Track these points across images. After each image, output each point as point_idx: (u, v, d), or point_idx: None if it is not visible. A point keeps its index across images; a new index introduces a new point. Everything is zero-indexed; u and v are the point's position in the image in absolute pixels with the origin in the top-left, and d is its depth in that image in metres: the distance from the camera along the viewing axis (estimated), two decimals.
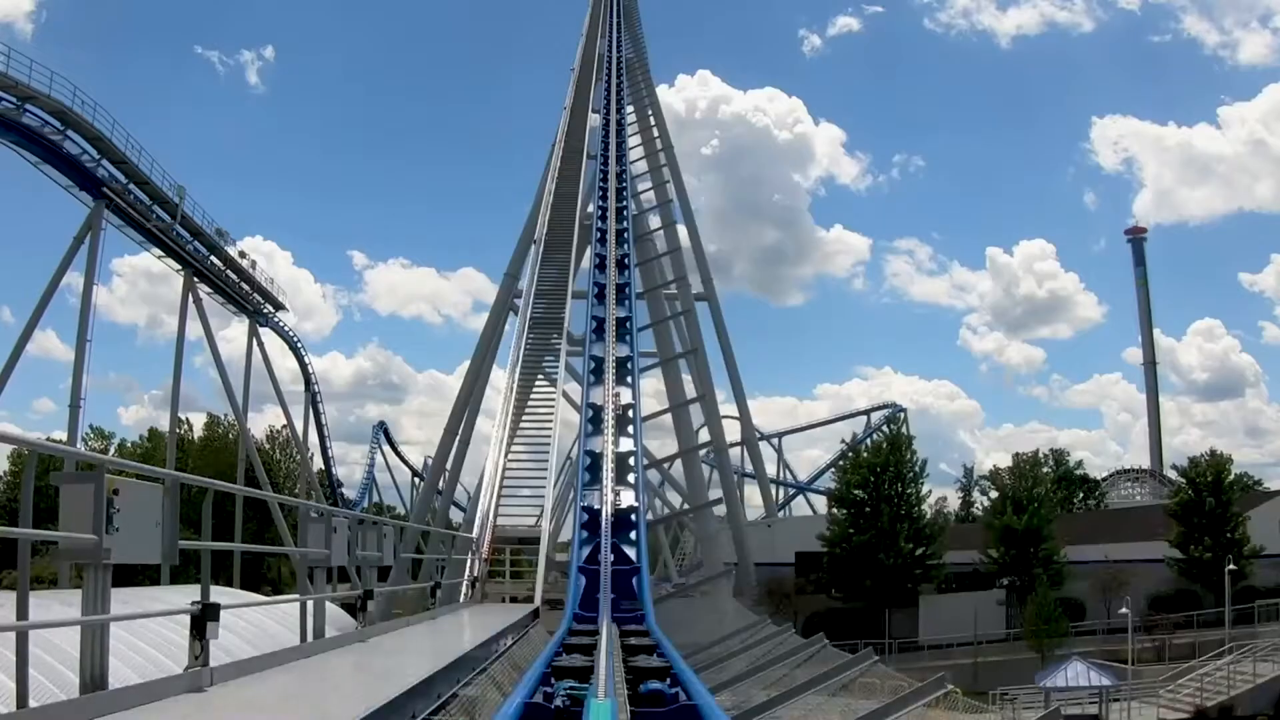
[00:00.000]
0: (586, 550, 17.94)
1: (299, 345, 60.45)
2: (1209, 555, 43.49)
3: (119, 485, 5.15)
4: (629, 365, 26.49)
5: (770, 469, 72.07)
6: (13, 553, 5.26)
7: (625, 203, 39.09)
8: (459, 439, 45.49)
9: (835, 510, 50.42)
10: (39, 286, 39.66)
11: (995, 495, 52.21)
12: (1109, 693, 30.65)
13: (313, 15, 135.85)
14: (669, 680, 7.96)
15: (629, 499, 20.12)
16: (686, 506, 51.24)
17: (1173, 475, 57.38)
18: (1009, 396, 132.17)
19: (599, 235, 35.49)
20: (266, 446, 65.00)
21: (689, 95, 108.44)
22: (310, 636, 8.53)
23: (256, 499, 46.52)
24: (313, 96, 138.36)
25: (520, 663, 10.05)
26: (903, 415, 77.26)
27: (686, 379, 46.31)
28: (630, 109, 49.77)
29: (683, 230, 51.38)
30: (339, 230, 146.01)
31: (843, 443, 71.19)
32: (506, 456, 24.71)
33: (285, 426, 61.21)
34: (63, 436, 40.67)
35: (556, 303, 32.57)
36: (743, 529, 49.63)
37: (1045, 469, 61.08)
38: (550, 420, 27.09)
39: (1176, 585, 45.23)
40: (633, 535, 18.83)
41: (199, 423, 66.78)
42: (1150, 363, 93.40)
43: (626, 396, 24.51)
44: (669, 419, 43.78)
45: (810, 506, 77.43)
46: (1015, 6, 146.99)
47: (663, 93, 60.46)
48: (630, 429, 23.27)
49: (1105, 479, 79.96)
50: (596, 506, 19.35)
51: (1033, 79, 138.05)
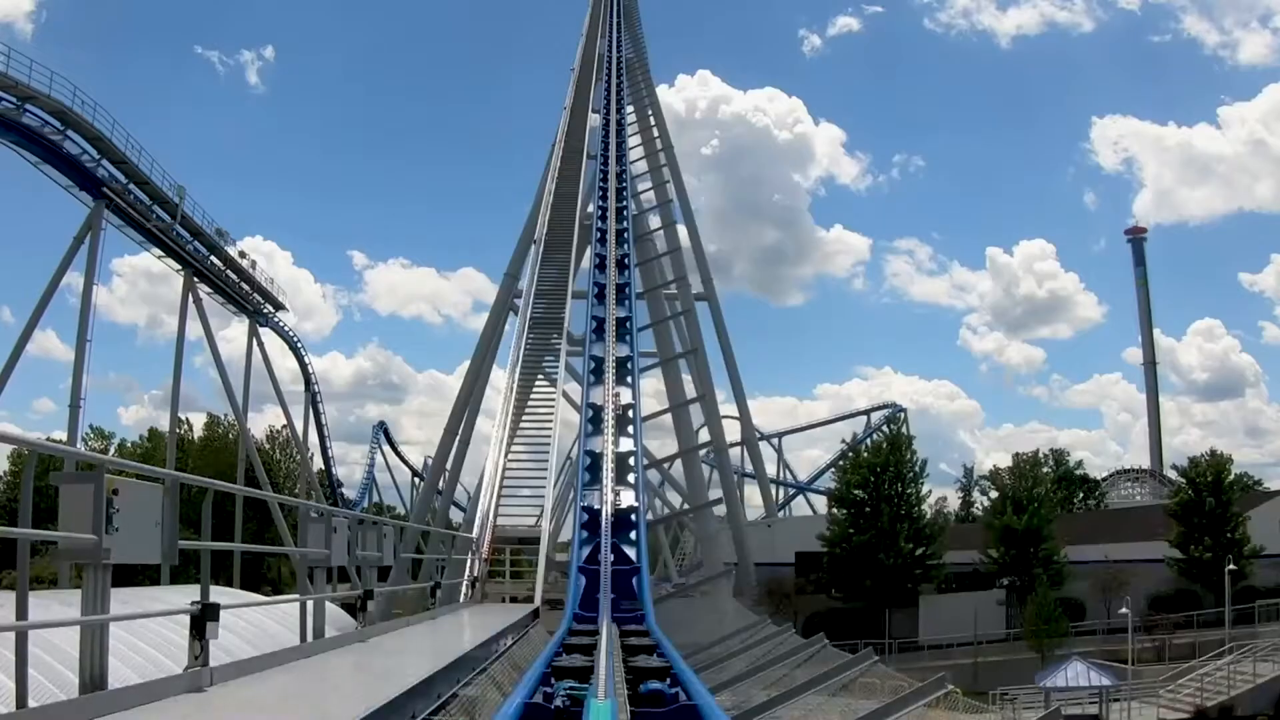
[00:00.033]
0: (586, 550, 17.94)
1: (299, 345, 60.57)
2: (1209, 555, 43.49)
3: (118, 485, 5.15)
4: (629, 365, 26.49)
5: (770, 469, 72.18)
6: (13, 553, 5.24)
7: (625, 203, 39.10)
8: (459, 439, 45.51)
9: (835, 510, 50.42)
10: (39, 286, 39.79)
11: (995, 495, 52.20)
12: (1109, 693, 30.65)
13: (313, 15, 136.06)
14: (669, 680, 7.95)
15: (629, 499, 20.13)
16: (686, 506, 51.24)
17: (1173, 475, 57.39)
18: (1009, 396, 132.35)
19: (599, 235, 35.49)
20: (266, 446, 65.03)
21: (689, 95, 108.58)
22: (310, 636, 8.52)
23: (256, 499, 46.53)
24: (313, 96, 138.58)
25: (520, 663, 10.05)
26: (903, 415, 77.36)
27: (686, 379, 46.35)
28: (630, 109, 49.79)
29: (683, 230, 51.51)
30: (339, 230, 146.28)
31: (843, 442, 71.27)
32: (506, 456, 24.71)
33: (285, 426, 61.33)
34: (63, 436, 40.68)
35: (556, 303, 32.57)
36: (743, 529, 49.62)
37: (1045, 469, 61.09)
38: (550, 420, 27.09)
39: (1176, 585, 45.24)
40: (633, 535, 18.83)
41: (199, 423, 66.98)
42: (1150, 363, 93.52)
43: (626, 396, 24.51)
44: (669, 419, 43.82)
45: (810, 506, 77.51)
46: (1015, 6, 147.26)
47: (663, 93, 60.60)
48: (630, 429, 23.28)
49: (1105, 479, 79.98)
50: (596, 506, 19.36)
51: (1033, 79, 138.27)
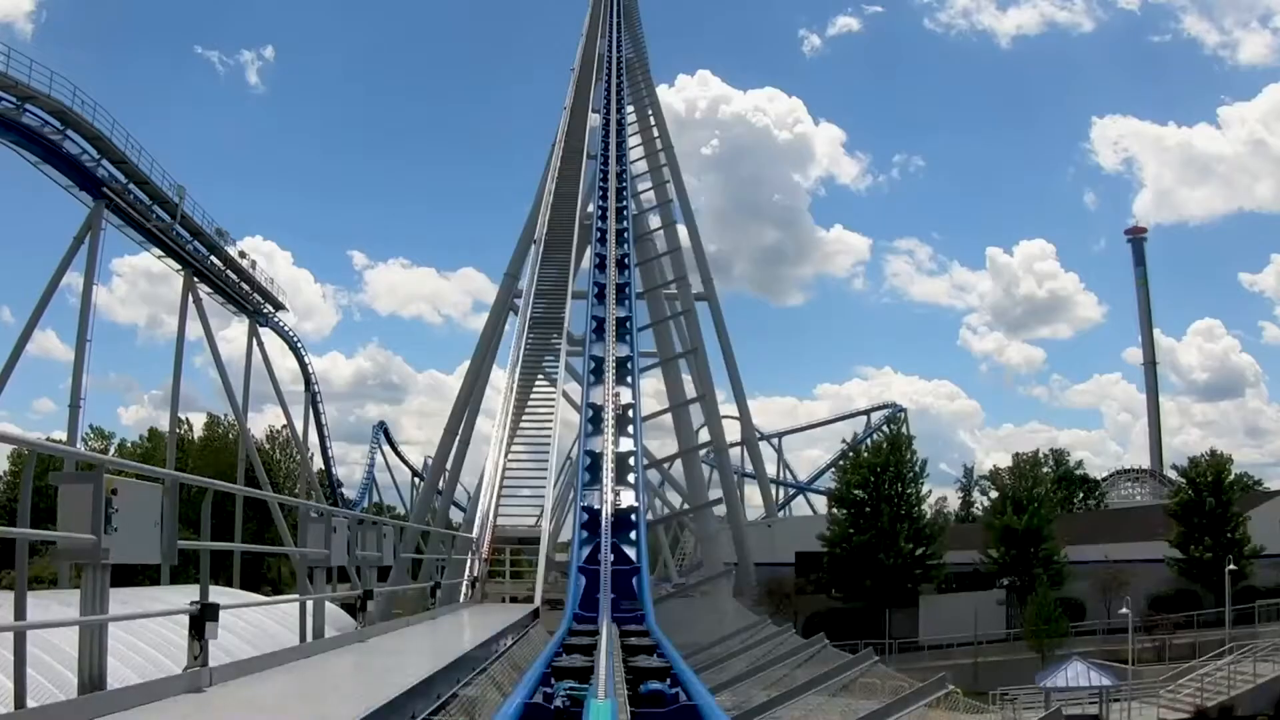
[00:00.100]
0: (586, 550, 17.93)
1: (299, 345, 60.57)
2: (1209, 555, 43.49)
3: (117, 485, 5.13)
4: (629, 365, 26.47)
5: (770, 469, 72.18)
6: (12, 552, 5.22)
7: (625, 203, 39.08)
8: (459, 439, 45.50)
9: (835, 510, 50.41)
10: (39, 286, 39.78)
11: (995, 495, 52.20)
12: (1109, 693, 30.64)
13: (313, 15, 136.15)
14: (669, 680, 7.95)
15: (629, 499, 20.11)
16: (686, 506, 51.23)
17: (1173, 475, 57.38)
18: (1009, 396, 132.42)
19: (599, 235, 35.47)
20: (266, 446, 65.04)
21: (689, 95, 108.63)
22: (310, 636, 8.51)
23: (256, 499, 46.52)
24: (313, 96, 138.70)
25: (520, 663, 10.04)
26: (903, 415, 77.36)
27: (686, 379, 46.33)
28: (630, 109, 49.78)
29: (683, 230, 51.48)
30: (339, 230, 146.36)
31: (843, 442, 71.26)
32: (506, 456, 24.70)
33: (285, 426, 61.32)
34: (63, 436, 40.66)
35: (556, 303, 32.56)
36: (743, 529, 49.60)
37: (1045, 469, 61.08)
38: (550, 420, 27.08)
39: (1177, 585, 45.23)
40: (633, 535, 18.82)
41: (199, 423, 67.00)
42: (1150, 363, 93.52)
43: (626, 396, 24.49)
44: (669, 419, 43.81)
45: (810, 506, 77.52)
46: (1015, 6, 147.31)
47: (663, 93, 60.58)
48: (630, 429, 23.26)
49: (1105, 479, 80.00)
50: (596, 506, 19.34)
51: (1033, 79, 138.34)
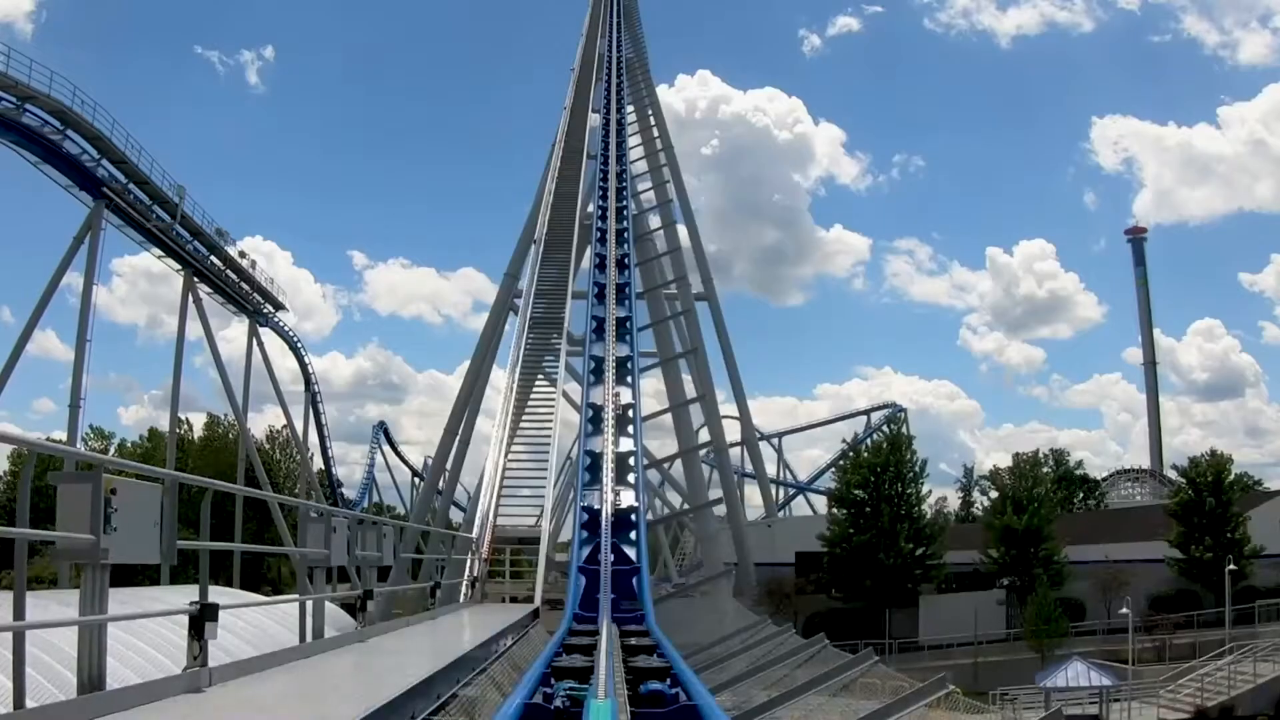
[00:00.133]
0: (586, 550, 17.91)
1: (299, 345, 60.55)
2: (1209, 555, 43.47)
3: (116, 485, 5.13)
4: (629, 365, 26.45)
5: (770, 469, 72.16)
6: (12, 552, 5.21)
7: (625, 202, 39.07)
8: (459, 439, 45.49)
9: (835, 510, 50.40)
10: (39, 286, 39.75)
11: (995, 495, 52.17)
12: (1109, 693, 30.63)
13: (313, 15, 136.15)
14: (669, 680, 7.94)
15: (629, 499, 20.10)
16: (686, 506, 51.23)
17: (1173, 475, 57.37)
18: (1009, 396, 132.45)
19: (599, 235, 35.45)
20: (266, 446, 65.04)
21: (689, 95, 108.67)
22: (310, 637, 8.51)
23: (256, 499, 46.52)
24: (313, 96, 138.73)
25: (520, 663, 10.03)
26: (903, 415, 77.36)
27: (686, 379, 46.33)
28: (630, 109, 49.77)
29: (683, 230, 51.48)
30: (339, 230, 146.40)
31: (843, 442, 71.28)
32: (506, 456, 24.70)
33: (285, 426, 61.31)
34: (63, 436, 40.65)
35: (556, 303, 32.55)
36: (743, 529, 49.59)
37: (1045, 469, 61.05)
38: (550, 420, 27.08)
39: (1177, 585, 45.23)
40: (633, 535, 18.80)
41: (199, 423, 67.02)
42: (1150, 363, 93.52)
43: (626, 396, 24.48)
44: (669, 419, 43.81)
45: (810, 506, 77.51)
46: (1015, 6, 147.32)
47: (663, 93, 60.58)
48: (630, 429, 23.25)
49: (1105, 479, 80.00)
50: (596, 506, 19.33)
51: (1033, 79, 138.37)
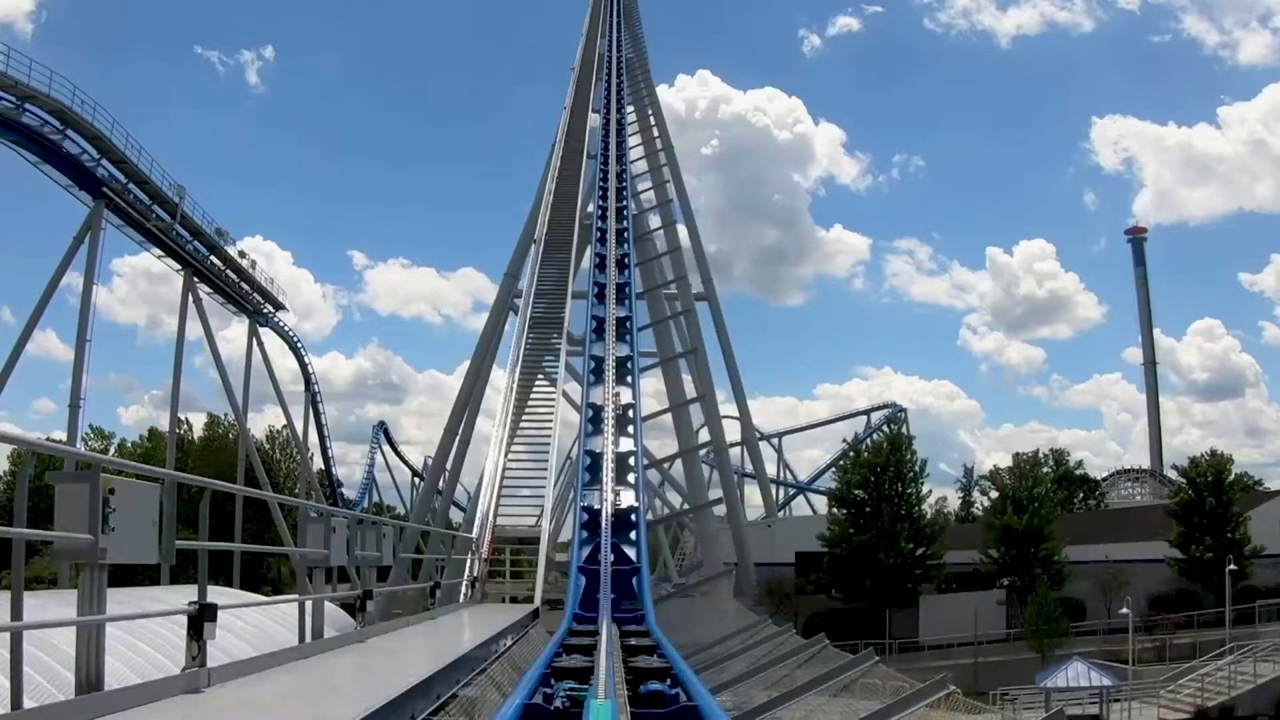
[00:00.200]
0: (586, 550, 17.90)
1: (299, 345, 60.55)
2: (1209, 555, 43.45)
3: (115, 485, 5.11)
4: (629, 365, 26.44)
5: (770, 469, 72.14)
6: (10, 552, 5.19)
7: (625, 202, 39.05)
8: (459, 439, 45.46)
9: (835, 510, 50.37)
10: (39, 286, 39.74)
11: (995, 495, 52.14)
12: (1109, 693, 30.61)
13: (313, 15, 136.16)
14: (669, 681, 7.92)
15: (629, 499, 20.08)
16: (686, 506, 51.21)
17: (1173, 475, 57.36)
18: (1009, 396, 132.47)
19: (599, 235, 35.44)
20: (266, 446, 65.03)
21: (689, 95, 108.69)
22: (309, 637, 8.49)
23: (256, 499, 46.50)
24: (312, 96, 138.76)
25: (520, 663, 10.02)
26: (903, 415, 77.37)
27: (686, 379, 46.31)
28: (630, 109, 49.75)
29: (683, 230, 51.44)
30: (339, 230, 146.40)
31: (844, 442, 71.28)
32: (506, 456, 24.70)
33: (285, 426, 61.31)
34: (63, 436, 40.62)
35: (556, 302, 32.54)
36: (743, 529, 49.55)
37: (1045, 469, 61.02)
38: (550, 420, 27.07)
39: (1177, 585, 45.21)
40: (633, 535, 18.79)
41: (199, 423, 67.04)
42: (1150, 363, 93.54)
43: (626, 396, 24.46)
44: (669, 419, 43.80)
45: (810, 506, 77.50)
46: (1015, 6, 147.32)
47: (663, 93, 60.55)
48: (630, 429, 23.24)
49: (1105, 479, 79.98)
50: (596, 506, 19.31)
51: (1033, 79, 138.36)
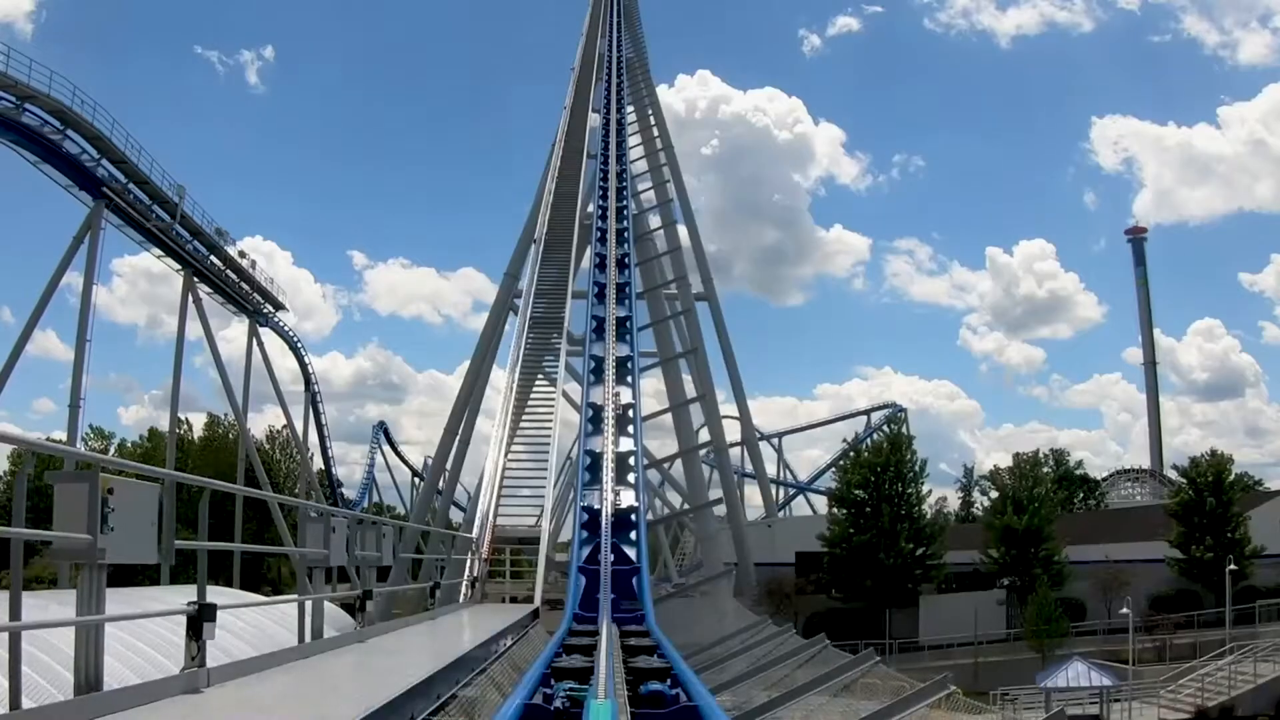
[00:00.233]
0: (586, 550, 17.88)
1: (299, 345, 60.54)
2: (1210, 555, 43.46)
3: (114, 484, 5.10)
4: (629, 365, 26.41)
5: (770, 469, 72.13)
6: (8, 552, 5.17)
7: (625, 202, 39.03)
8: (459, 439, 45.45)
9: (835, 510, 50.38)
10: (39, 286, 39.72)
11: (995, 495, 52.15)
12: (1110, 693, 30.60)
13: (313, 16, 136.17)
14: (669, 681, 7.91)
15: (629, 499, 20.06)
16: (686, 506, 51.18)
17: (1173, 475, 57.35)
18: (1009, 396, 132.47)
19: (599, 235, 35.42)
20: (266, 446, 65.02)
21: (689, 95, 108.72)
22: (309, 637, 8.48)
23: (256, 499, 46.49)
24: (312, 96, 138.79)
25: (520, 663, 10.01)
26: (903, 415, 77.34)
27: (686, 379, 46.29)
28: (630, 109, 49.74)
29: (683, 230, 51.42)
30: (339, 230, 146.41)
31: (844, 442, 71.26)
32: (506, 456, 24.68)
33: (285, 426, 61.30)
34: (63, 436, 40.61)
35: (556, 302, 32.52)
36: (743, 529, 49.56)
37: (1045, 469, 61.00)
38: (550, 420, 27.04)
39: (1177, 585, 45.22)
40: (633, 535, 18.77)
41: (199, 423, 67.03)
42: (1150, 363, 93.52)
43: (626, 396, 24.44)
44: (669, 419, 43.77)
45: (810, 506, 77.49)
46: (1015, 6, 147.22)
47: (663, 93, 60.56)
48: (630, 429, 23.21)
49: (1105, 479, 79.94)
50: (596, 506, 19.29)
51: (1033, 79, 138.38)
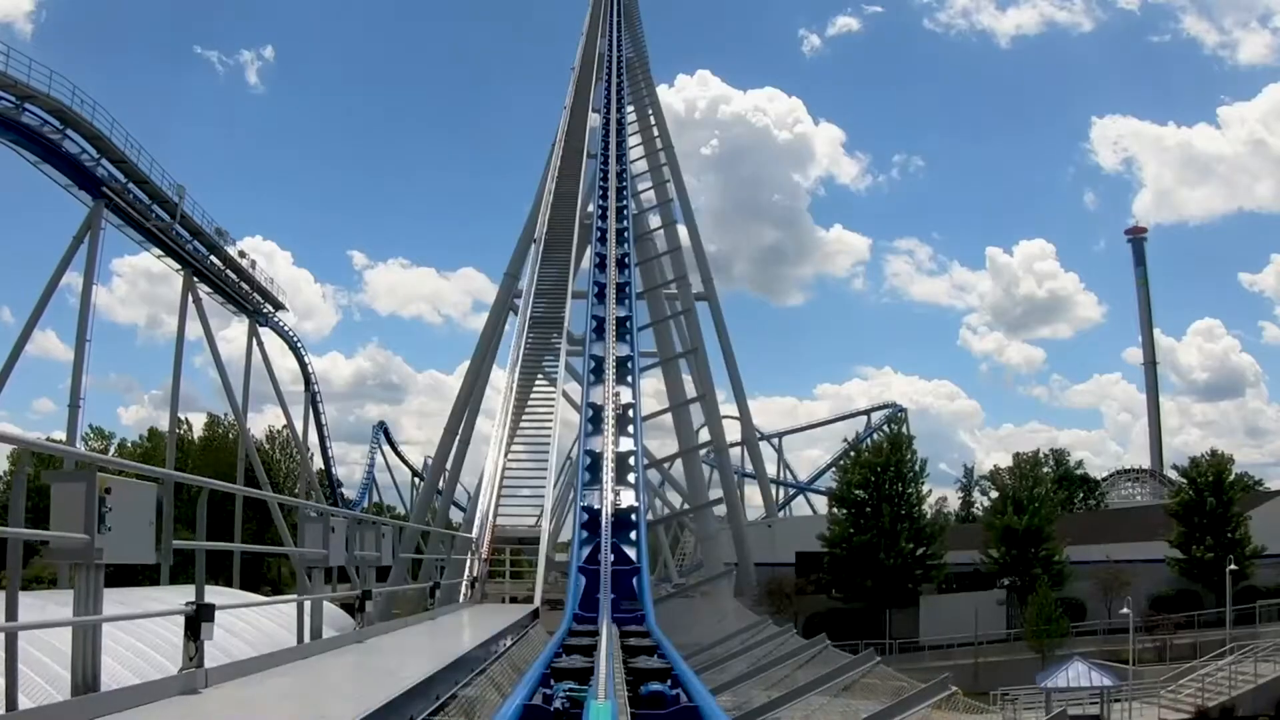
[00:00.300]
0: (586, 550, 17.84)
1: (299, 345, 60.58)
2: (1210, 555, 43.44)
3: (111, 484, 5.07)
4: (629, 365, 26.37)
5: (770, 469, 72.15)
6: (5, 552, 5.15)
7: (625, 202, 39.01)
8: (459, 439, 45.43)
9: (836, 510, 50.36)
10: (39, 286, 39.74)
11: (995, 495, 52.13)
12: (1110, 693, 30.56)
13: (313, 16, 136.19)
14: (670, 681, 7.89)
15: (629, 499, 20.02)
16: (686, 506, 51.18)
17: (1173, 475, 57.31)
18: (1009, 396, 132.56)
19: (599, 234, 35.38)
20: (266, 446, 65.01)
21: (689, 95, 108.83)
22: (308, 637, 8.45)
23: (256, 499, 46.48)
24: (313, 96, 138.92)
25: (520, 664, 9.98)
26: (903, 415, 77.33)
27: (686, 379, 46.27)
28: (630, 109, 49.73)
29: (683, 230, 51.43)
30: (339, 230, 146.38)
31: (844, 442, 71.24)
32: (506, 456, 24.65)
33: (285, 426, 61.30)
34: (63, 436, 40.59)
35: (556, 302, 32.50)
36: (743, 529, 49.55)
37: (1045, 469, 60.96)
38: (550, 420, 27.01)
39: (1177, 585, 45.22)
40: (633, 535, 18.73)
41: (199, 423, 67.03)
42: (1150, 363, 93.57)
43: (626, 396, 24.40)
44: (669, 419, 43.75)
45: (810, 506, 77.51)
46: (1015, 6, 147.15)
47: (663, 93, 60.55)
48: (630, 429, 23.17)
49: (1105, 479, 79.92)
50: (596, 506, 19.25)
51: (1032, 79, 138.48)
